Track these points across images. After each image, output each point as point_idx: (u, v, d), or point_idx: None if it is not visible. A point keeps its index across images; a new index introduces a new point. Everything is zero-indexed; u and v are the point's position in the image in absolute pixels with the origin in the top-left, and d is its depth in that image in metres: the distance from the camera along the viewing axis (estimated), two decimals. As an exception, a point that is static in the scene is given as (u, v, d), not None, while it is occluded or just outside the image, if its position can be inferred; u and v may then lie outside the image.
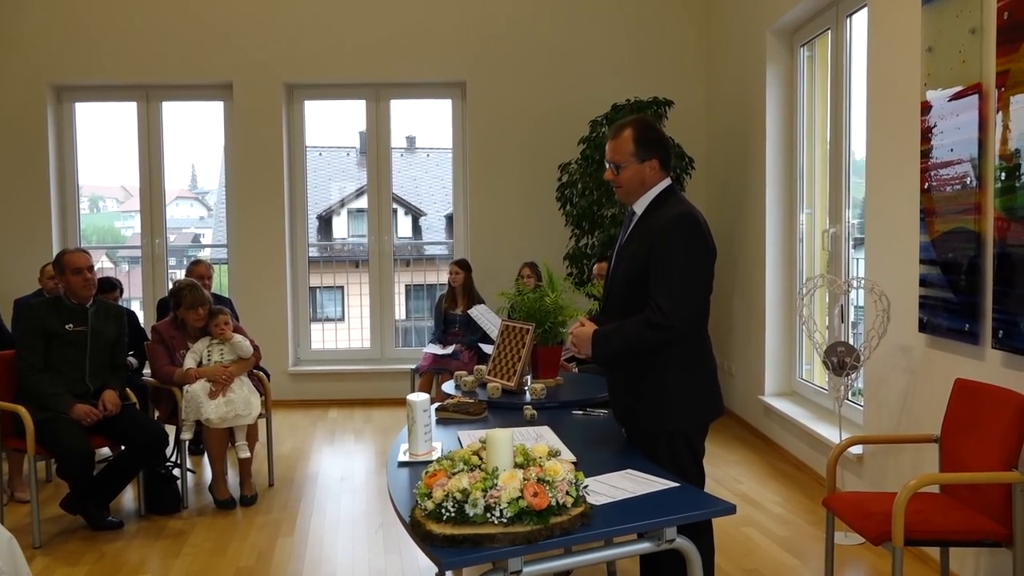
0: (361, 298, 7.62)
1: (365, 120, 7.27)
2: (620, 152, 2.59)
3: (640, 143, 2.57)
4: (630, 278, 2.53)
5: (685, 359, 2.50)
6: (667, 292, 2.40)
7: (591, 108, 6.51)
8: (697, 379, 2.54)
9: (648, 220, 2.55)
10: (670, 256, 2.42)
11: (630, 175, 2.58)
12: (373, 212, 7.33)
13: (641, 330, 2.43)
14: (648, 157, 2.57)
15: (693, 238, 2.45)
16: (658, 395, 2.50)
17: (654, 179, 2.58)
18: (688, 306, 2.42)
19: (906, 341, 3.67)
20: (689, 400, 2.52)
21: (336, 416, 6.68)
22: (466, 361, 5.88)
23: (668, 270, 2.41)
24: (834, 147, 4.89)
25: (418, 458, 2.41)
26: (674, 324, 2.39)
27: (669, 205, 2.53)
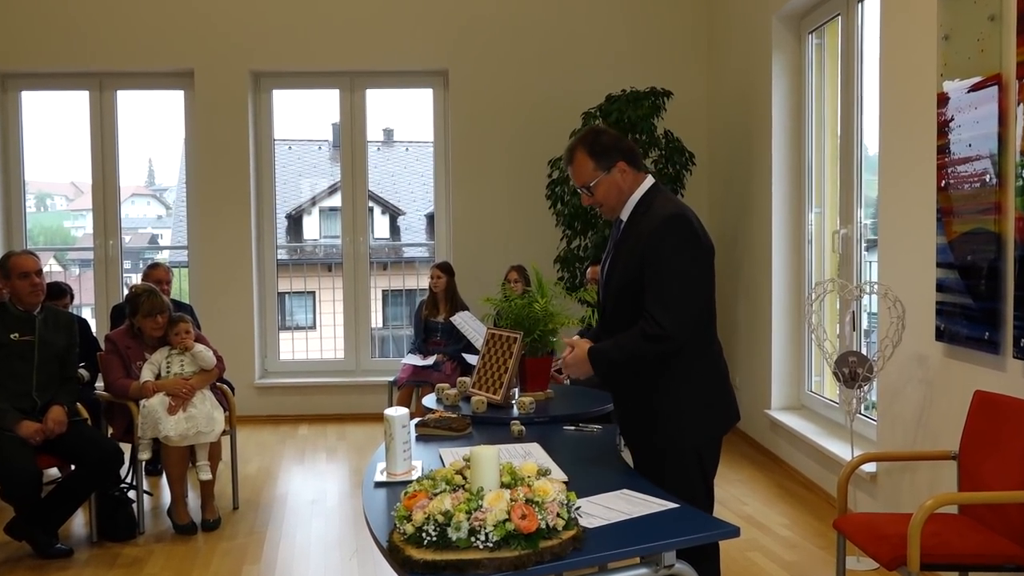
0: (334, 304, 7.60)
1: (339, 111, 7.27)
2: (582, 173, 2.61)
3: (596, 154, 2.59)
4: (623, 288, 2.56)
5: (692, 368, 2.52)
6: (661, 302, 2.42)
7: (584, 99, 6.53)
8: (707, 388, 2.56)
9: (636, 225, 2.57)
10: (661, 263, 2.44)
11: (605, 189, 2.60)
12: (347, 211, 7.32)
13: (638, 343, 2.45)
14: (611, 163, 2.58)
15: (684, 240, 2.46)
16: (667, 408, 2.52)
17: (631, 182, 2.60)
18: (685, 313, 2.44)
19: (922, 350, 3.71)
20: (700, 411, 2.53)
21: (307, 433, 6.66)
22: (448, 373, 5.87)
23: (660, 278, 2.43)
24: (845, 142, 4.93)
25: (396, 478, 2.41)
26: (672, 334, 2.41)
27: (656, 207, 2.55)
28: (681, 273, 2.44)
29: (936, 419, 3.64)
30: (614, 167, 2.58)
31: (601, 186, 2.59)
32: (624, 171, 2.59)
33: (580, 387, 4.33)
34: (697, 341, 2.53)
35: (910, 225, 3.81)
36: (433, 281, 6.25)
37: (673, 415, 2.52)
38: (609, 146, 2.60)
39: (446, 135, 7.19)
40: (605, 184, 2.59)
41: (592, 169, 2.59)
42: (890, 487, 4.04)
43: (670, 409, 2.52)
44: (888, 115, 4.04)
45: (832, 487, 4.66)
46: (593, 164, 2.59)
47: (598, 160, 2.58)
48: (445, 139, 7.21)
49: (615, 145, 2.61)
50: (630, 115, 5.98)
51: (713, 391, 2.58)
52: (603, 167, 2.58)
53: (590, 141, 2.61)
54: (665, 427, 2.53)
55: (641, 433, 2.61)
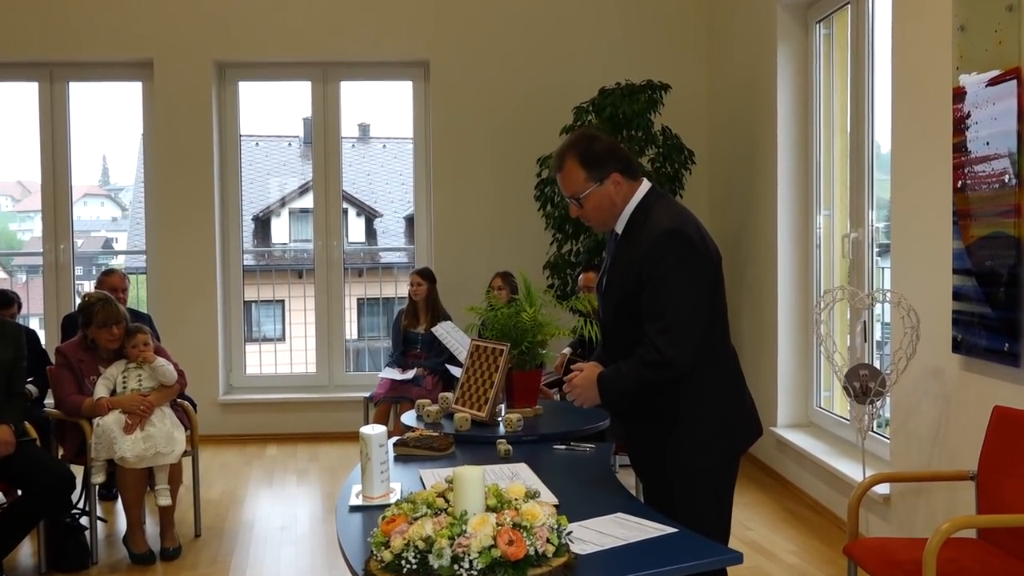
0: (305, 314, 7.58)
1: (310, 105, 7.27)
2: (572, 183, 2.59)
3: (588, 163, 2.57)
4: (621, 303, 2.56)
5: (703, 381, 2.53)
6: (661, 326, 2.43)
7: (576, 93, 6.56)
8: (721, 402, 2.57)
9: (633, 236, 2.56)
10: (659, 285, 2.44)
11: (596, 202, 2.58)
12: (320, 212, 7.32)
13: (640, 370, 2.46)
14: (605, 173, 2.56)
15: (680, 258, 2.45)
16: (678, 430, 2.53)
17: (625, 194, 2.58)
18: (687, 338, 2.44)
19: (938, 363, 3.74)
20: (715, 429, 2.54)
21: (275, 454, 6.64)
22: (429, 388, 5.87)
23: (660, 301, 2.43)
24: (855, 139, 4.97)
25: (373, 501, 2.41)
26: (673, 360, 2.42)
27: (652, 219, 2.53)
28: (680, 295, 2.43)
29: (953, 437, 3.67)
30: (607, 178, 2.56)
31: (592, 198, 2.58)
32: (618, 183, 2.57)
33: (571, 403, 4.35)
34: (706, 354, 2.53)
35: (924, 229, 3.85)
36: (413, 289, 6.26)
37: (685, 437, 2.52)
38: (603, 154, 2.57)
39: (427, 131, 7.19)
40: (596, 196, 2.57)
41: (583, 180, 2.57)
42: (904, 510, 4.07)
43: (681, 430, 2.52)
44: (900, 111, 4.08)
45: (842, 510, 4.68)
46: (584, 174, 2.57)
47: (590, 170, 2.56)
48: (426, 135, 7.22)
49: (610, 153, 2.58)
50: (625, 110, 6.00)
51: (728, 405, 2.59)
52: (595, 177, 2.56)
53: (582, 148, 2.59)
54: (677, 450, 2.53)
55: (651, 459, 2.62)
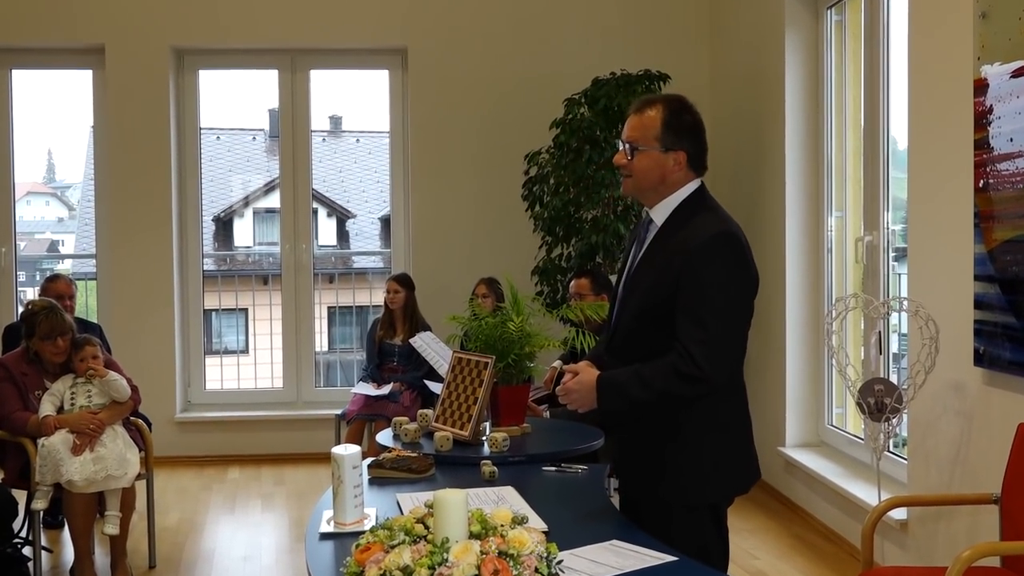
0: (271, 324, 7.56)
1: (277, 95, 7.26)
2: (641, 131, 2.59)
3: (670, 126, 2.57)
4: (645, 310, 2.55)
5: (719, 412, 2.54)
6: (701, 336, 2.42)
7: (566, 83, 6.58)
8: (735, 437, 2.59)
9: (672, 235, 2.55)
10: (706, 291, 2.43)
11: (647, 164, 2.58)
12: (287, 213, 7.31)
13: (668, 380, 2.44)
14: (675, 147, 2.57)
15: (734, 266, 2.47)
16: (685, 459, 2.54)
17: (678, 178, 2.59)
18: (728, 354, 2.46)
19: (959, 377, 3.77)
20: (725, 464, 2.56)
21: (238, 477, 6.61)
22: (407, 404, 5.87)
23: (703, 309, 2.43)
24: (869, 135, 5.01)
25: (346, 528, 2.41)
26: (709, 376, 2.42)
27: (700, 218, 2.53)
28: (728, 305, 2.45)
29: (975, 457, 3.70)
30: (674, 151, 2.57)
31: (646, 157, 2.57)
32: (679, 163, 2.57)
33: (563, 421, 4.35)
34: (731, 385, 2.56)
35: (944, 231, 3.88)
36: (389, 296, 6.25)
37: (691, 467, 2.53)
38: (687, 128, 2.59)
39: (404, 124, 7.20)
40: (651, 159, 2.57)
41: (654, 136, 2.57)
42: (923, 536, 4.09)
43: (688, 460, 2.53)
44: (917, 104, 4.11)
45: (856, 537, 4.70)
46: (659, 131, 2.57)
47: (666, 132, 2.56)
48: (403, 129, 7.23)
49: (694, 132, 2.60)
50: (620, 102, 6.02)
51: (741, 441, 2.61)
52: (664, 143, 2.56)
53: (675, 109, 2.59)
54: (678, 480, 2.54)
55: (648, 485, 2.62)
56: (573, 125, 6.22)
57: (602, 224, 6.05)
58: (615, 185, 5.97)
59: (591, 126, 6.11)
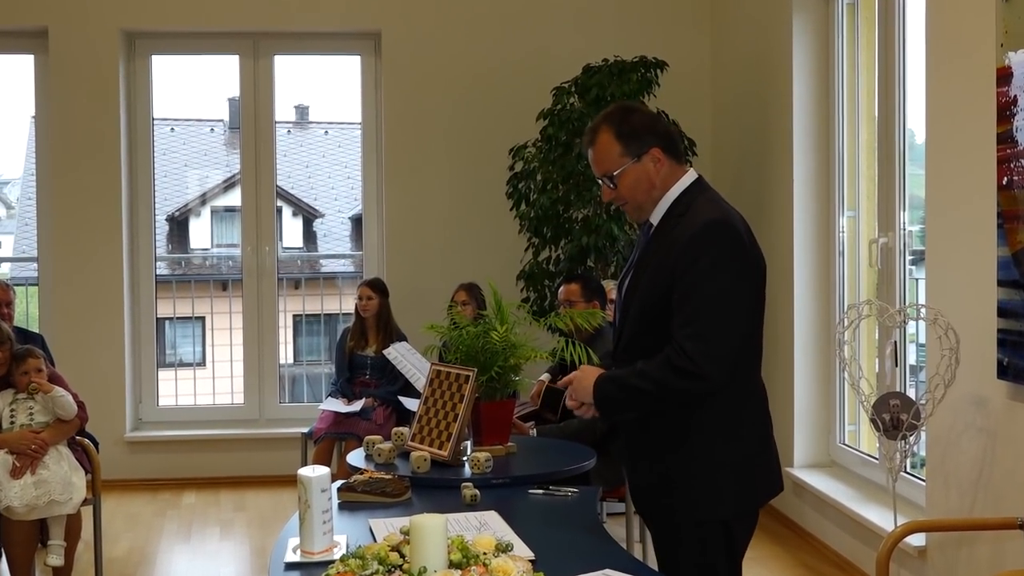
0: (230, 334, 7.53)
1: (238, 83, 7.25)
2: (606, 159, 2.68)
3: (625, 136, 2.66)
4: (647, 312, 2.61)
5: (734, 417, 2.58)
6: (694, 330, 2.47)
7: (555, 71, 6.59)
8: (751, 444, 2.62)
9: (669, 231, 2.62)
10: (697, 280, 2.49)
11: (632, 181, 2.66)
12: (248, 212, 7.29)
13: (664, 373, 2.49)
14: (644, 148, 2.65)
15: (726, 252, 2.52)
16: (696, 467, 2.57)
17: (666, 175, 2.66)
18: (723, 347, 2.49)
19: (981, 391, 3.79)
20: (740, 473, 2.59)
21: (194, 502, 6.59)
22: (380, 421, 5.86)
23: (694, 300, 2.49)
24: (884, 127, 5.03)
25: (314, 557, 2.41)
26: (704, 372, 2.46)
27: (695, 208, 2.60)
28: (721, 294, 2.49)
29: (999, 478, 3.72)
30: (646, 154, 2.65)
31: (628, 176, 2.66)
32: (658, 160, 2.65)
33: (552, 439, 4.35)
34: (741, 383, 2.59)
35: (964, 233, 3.90)
36: (361, 303, 6.24)
37: (702, 476, 2.56)
38: (642, 127, 2.67)
39: (378, 115, 7.20)
40: (633, 174, 2.65)
41: (618, 154, 2.66)
42: (943, 564, 4.11)
43: (698, 470, 2.56)
44: (936, 95, 4.14)
45: (870, 565, 4.72)
46: (620, 148, 2.66)
47: (627, 143, 2.65)
48: (376, 120, 7.23)
49: (650, 127, 2.68)
50: (614, 91, 6.05)
51: (758, 449, 2.64)
52: (632, 152, 2.65)
53: (618, 119, 2.69)
54: (687, 493, 2.57)
55: (655, 498, 2.66)
56: (562, 116, 6.24)
57: (594, 224, 6.06)
58: (608, 182, 5.99)
59: (581, 117, 6.12)
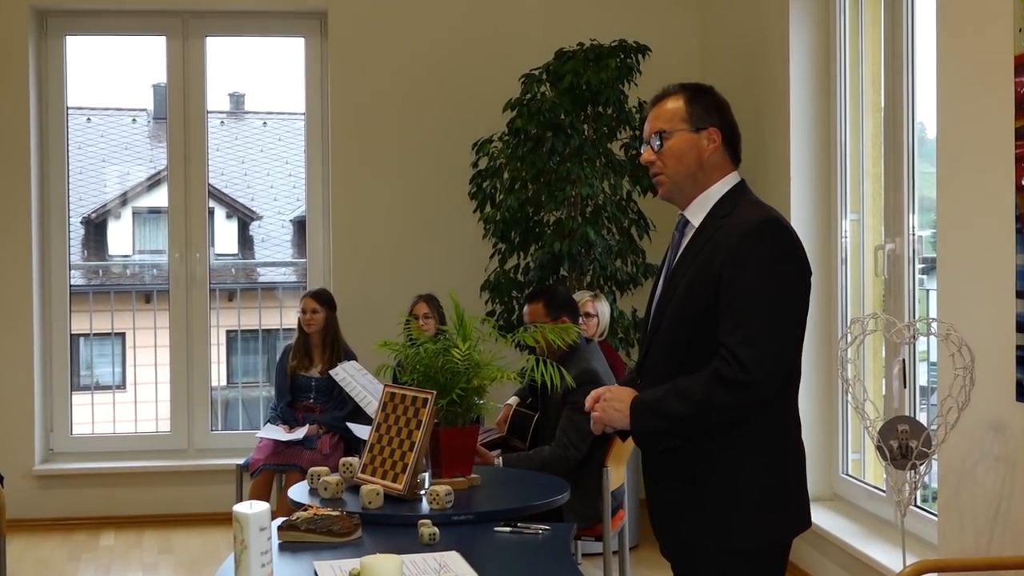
0: (155, 352, 7.49)
1: (165, 68, 7.22)
2: (665, 116, 2.76)
3: (696, 104, 2.75)
4: (684, 319, 2.65)
5: (766, 439, 2.63)
6: (746, 335, 2.52)
7: (524, 56, 6.61)
8: (788, 470, 2.68)
9: (711, 232, 2.68)
10: (749, 283, 2.56)
11: (680, 147, 2.73)
12: (176, 214, 7.26)
13: (710, 388, 2.53)
14: (706, 123, 2.74)
15: (782, 255, 2.61)
16: (710, 491, 2.61)
17: (715, 161, 2.75)
18: (778, 356, 2.56)
19: (998, 415, 3.83)
20: (774, 501, 2.64)
21: (114, 544, 6.54)
22: (326, 451, 5.85)
23: (747, 304, 2.55)
24: (891, 121, 5.07)
25: (251, 604, 2.41)
26: (757, 381, 2.51)
27: (741, 209, 2.68)
28: (776, 299, 2.57)
29: (1020, 512, 3.75)
30: (705, 130, 2.73)
31: (678, 141, 2.73)
32: (714, 141, 2.74)
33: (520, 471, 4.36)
34: (783, 402, 2.66)
35: (980, 239, 3.94)
36: (304, 317, 6.23)
37: (720, 501, 2.61)
38: (712, 106, 2.76)
39: (323, 104, 7.19)
40: (684, 142, 2.73)
41: (680, 118, 2.74)
42: (957, 609, 4.15)
43: (717, 491, 2.61)
44: (948, 85, 4.18)
45: (877, 611, 4.75)
46: (684, 113, 2.74)
47: (693, 112, 2.74)
48: (322, 110, 7.22)
49: (719, 109, 2.77)
50: (590, 79, 6.07)
51: (795, 474, 2.72)
52: (693, 122, 2.73)
53: (694, 90, 2.80)
54: (720, 516, 2.61)
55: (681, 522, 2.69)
56: (532, 107, 6.25)
57: (567, 228, 6.08)
58: (583, 181, 6.02)
59: (554, 108, 6.14)
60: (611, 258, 6.24)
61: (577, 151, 6.13)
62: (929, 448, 3.91)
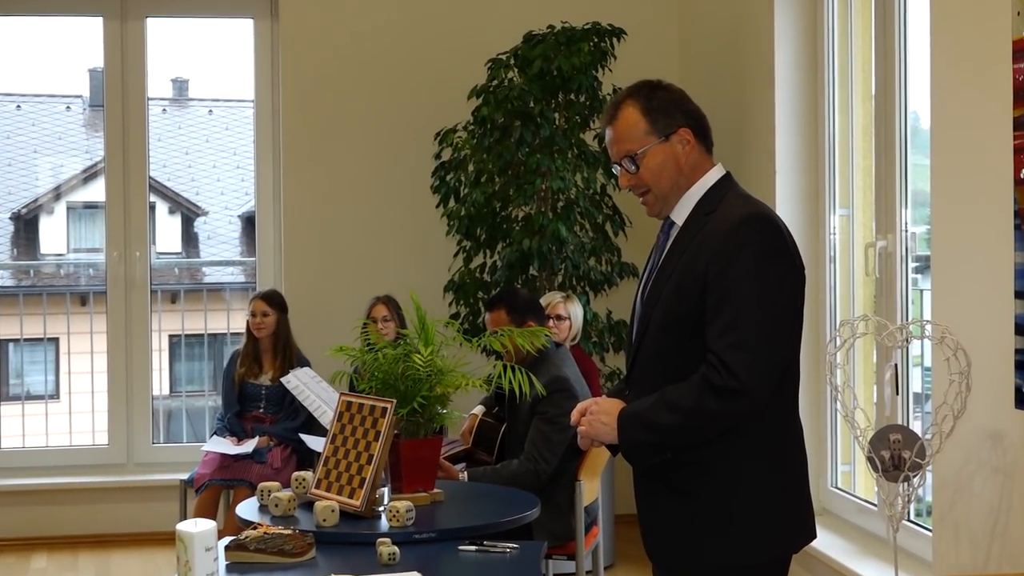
0: (91, 359, 7.44)
1: (102, 51, 7.18)
2: (628, 135, 2.75)
3: (653, 111, 2.74)
4: (670, 323, 2.66)
5: (765, 446, 2.65)
6: (735, 338, 2.53)
7: (491, 40, 6.61)
8: (789, 481, 2.70)
9: (696, 230, 2.69)
10: (738, 284, 2.56)
11: (658, 163, 2.73)
12: (114, 209, 7.21)
13: (699, 396, 2.54)
14: (673, 127, 2.74)
15: (771, 252, 2.61)
16: (720, 507, 2.62)
17: (695, 162, 2.75)
18: (769, 360, 2.57)
19: (996, 423, 3.86)
20: (774, 514, 2.65)
21: (46, 566, 6.51)
22: (278, 465, 5.83)
23: (735, 305, 2.55)
24: (883, 109, 5.09)
25: (196, 631, 2.41)
26: (749, 387, 2.52)
27: (727, 204, 2.69)
28: (766, 296, 2.57)
29: (1018, 527, 3.78)
30: (675, 134, 2.73)
31: (653, 157, 2.73)
32: (688, 142, 2.74)
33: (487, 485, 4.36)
34: (781, 406, 2.68)
35: (977, 235, 3.96)
36: (254, 320, 6.20)
37: (719, 518, 2.62)
38: (672, 104, 2.77)
39: (274, 91, 7.17)
40: (659, 155, 2.73)
41: (644, 132, 2.73)
42: (953, 631, 4.17)
43: (710, 506, 2.62)
44: (942, 71, 4.21)
45: (868, 633, 4.78)
46: (646, 125, 2.73)
47: (654, 120, 2.73)
48: (273, 97, 7.19)
49: (680, 105, 2.77)
50: (561, 64, 6.08)
51: (798, 483, 2.73)
52: (660, 131, 2.73)
53: (646, 93, 2.79)
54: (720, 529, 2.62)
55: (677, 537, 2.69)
56: (499, 94, 6.25)
57: (537, 225, 6.09)
58: (553, 173, 6.02)
59: (522, 95, 6.15)
60: (584, 256, 6.25)
61: (547, 142, 6.13)
62: (923, 459, 3.94)
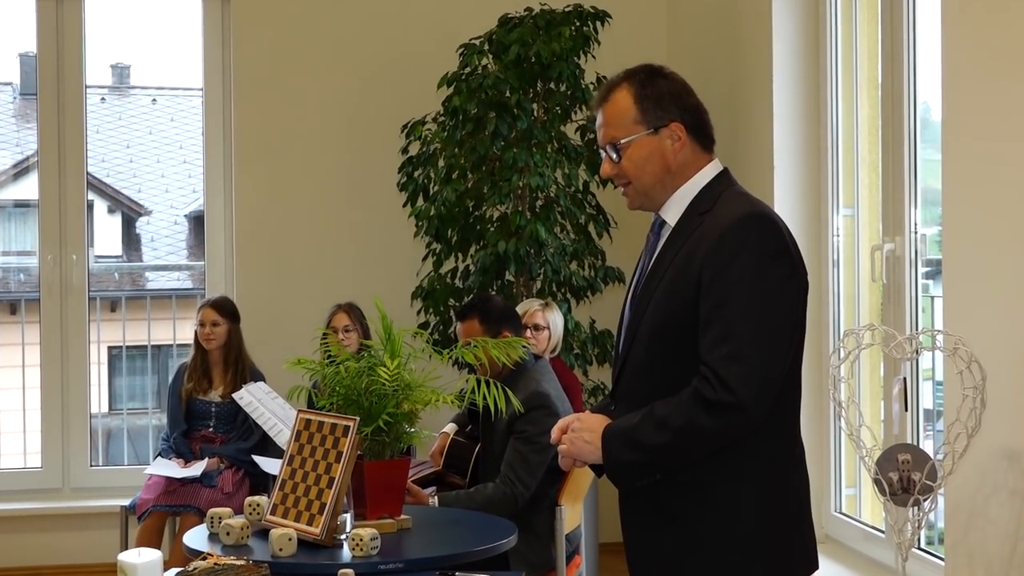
0: (23, 372, 7.42)
1: (35, 35, 7.16)
2: (616, 122, 2.78)
3: (645, 99, 2.76)
4: (660, 332, 2.67)
5: (764, 466, 2.67)
6: (730, 349, 2.53)
7: (464, 24, 6.62)
8: (784, 504, 2.70)
9: (689, 232, 2.70)
10: (733, 290, 2.57)
11: (642, 155, 2.75)
12: (48, 207, 7.19)
13: (691, 412, 2.55)
14: (664, 120, 2.75)
15: (770, 255, 2.62)
16: (714, 534, 2.63)
17: (686, 158, 2.77)
18: (768, 370, 2.57)
19: (1014, 442, 3.88)
20: (774, 542, 2.66)
21: (-27, 601, 6.48)
22: (229, 490, 5.82)
23: (730, 311, 2.56)
24: (890, 99, 5.11)
25: (140, 671, 2.41)
26: (745, 402, 2.52)
27: (723, 202, 2.70)
28: (764, 305, 2.58)
29: (1037, 554, 3.82)
30: (665, 127, 2.75)
31: (637, 149, 2.75)
32: (678, 138, 2.75)
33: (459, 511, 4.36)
34: (780, 424, 2.69)
35: (992, 238, 3.98)
36: (203, 331, 6.19)
37: (715, 547, 2.63)
38: (668, 95, 2.78)
39: (225, 79, 7.16)
40: (644, 148, 2.75)
41: (632, 120, 2.76)
42: (967, 668, 4.19)
43: (734, 530, 2.63)
44: (954, 60, 4.23)
45: (875, 672, 4.80)
46: (636, 113, 2.76)
47: (645, 109, 2.75)
48: (223, 86, 7.19)
49: (677, 97, 2.79)
50: (540, 50, 6.08)
51: (797, 512, 2.74)
52: (649, 122, 2.75)
53: (642, 79, 2.81)
54: (716, 558, 2.63)
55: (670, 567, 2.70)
56: (472, 83, 6.26)
57: (514, 226, 6.09)
58: (532, 169, 6.03)
59: (497, 84, 6.15)
60: (565, 260, 6.25)
61: (525, 135, 6.14)
62: (934, 481, 3.95)
